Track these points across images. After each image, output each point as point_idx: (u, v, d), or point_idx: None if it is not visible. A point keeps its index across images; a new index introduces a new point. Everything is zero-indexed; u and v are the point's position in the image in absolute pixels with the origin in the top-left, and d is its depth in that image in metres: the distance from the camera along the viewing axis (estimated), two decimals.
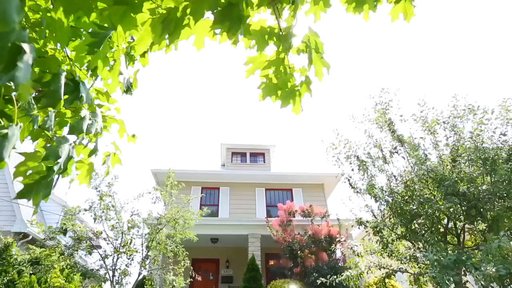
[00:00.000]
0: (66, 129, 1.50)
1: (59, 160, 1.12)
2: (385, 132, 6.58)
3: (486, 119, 5.43)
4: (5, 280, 7.69)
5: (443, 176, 5.37)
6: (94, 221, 5.93)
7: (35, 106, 1.12)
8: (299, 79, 1.74)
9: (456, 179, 5.21)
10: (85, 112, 1.35)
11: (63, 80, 1.08)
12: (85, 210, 5.91)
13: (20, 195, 1.04)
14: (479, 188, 5.12)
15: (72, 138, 1.29)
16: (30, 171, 1.11)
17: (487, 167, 4.91)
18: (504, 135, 5.21)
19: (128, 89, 1.79)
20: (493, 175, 4.90)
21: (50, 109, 1.20)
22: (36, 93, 1.23)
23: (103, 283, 5.90)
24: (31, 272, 7.44)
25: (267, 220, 11.09)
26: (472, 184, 5.19)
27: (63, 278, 6.53)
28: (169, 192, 6.44)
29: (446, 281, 3.91)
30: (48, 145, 1.16)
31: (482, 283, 3.73)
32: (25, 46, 0.77)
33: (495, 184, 4.83)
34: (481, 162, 4.97)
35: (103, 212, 5.90)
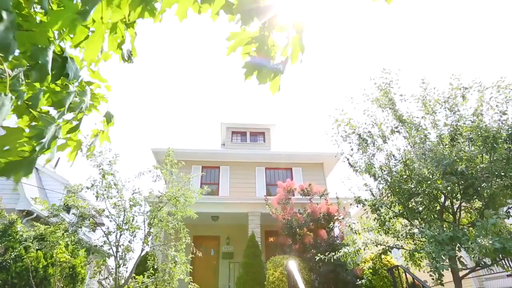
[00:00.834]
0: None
1: (43, 140, 1.11)
2: (386, 112, 6.55)
3: (490, 97, 5.37)
4: (13, 255, 7.93)
5: (442, 155, 5.39)
6: (96, 199, 6.01)
7: (23, 82, 1.09)
8: (279, 58, 1.70)
9: (455, 158, 5.23)
10: (72, 88, 1.32)
11: (51, 54, 1.05)
12: (87, 188, 5.98)
13: (1, 172, 1.03)
14: (478, 167, 5.15)
15: (57, 115, 1.26)
16: (7, 147, 1.10)
17: (488, 145, 4.91)
18: (504, 114, 5.17)
19: (128, 57, 1.74)
20: (493, 154, 4.91)
21: (37, 85, 1.17)
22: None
23: (107, 258, 6.08)
24: (37, 248, 7.66)
25: (266, 199, 11.25)
26: (470, 163, 5.22)
27: (68, 254, 6.73)
28: (169, 171, 6.49)
29: (442, 256, 4.02)
30: (33, 123, 1.14)
31: (477, 255, 3.83)
32: (4, 14, 0.74)
33: (493, 163, 4.85)
34: (481, 140, 4.96)
35: (105, 190, 5.97)
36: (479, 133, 5.00)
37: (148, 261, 6.16)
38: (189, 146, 15.68)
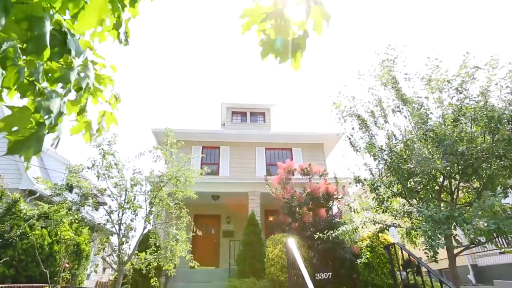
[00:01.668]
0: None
1: (51, 115, 1.09)
2: (389, 91, 6.47)
3: (504, 76, 5.24)
4: (18, 232, 8.12)
5: (444, 135, 5.38)
6: (98, 179, 6.06)
7: (22, 57, 1.06)
8: (297, 33, 1.64)
9: (457, 138, 5.21)
10: (76, 63, 1.29)
11: (48, 26, 1.01)
12: (88, 168, 6.02)
13: (11, 150, 1.03)
14: (478, 147, 5.15)
15: (61, 92, 1.24)
16: (16, 127, 1.09)
17: (491, 125, 4.87)
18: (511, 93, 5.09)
19: (125, 39, 1.70)
20: (495, 134, 4.88)
21: (37, 60, 1.14)
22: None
23: (110, 236, 6.21)
24: (41, 226, 7.83)
25: (266, 179, 11.37)
26: (471, 144, 5.21)
27: (72, 232, 6.89)
28: (169, 151, 6.50)
29: (438, 235, 4.11)
30: (39, 98, 1.12)
31: (471, 236, 3.91)
32: None
33: (495, 144, 4.84)
34: (486, 120, 4.91)
35: (106, 170, 6.02)
36: (485, 113, 4.93)
37: (150, 239, 6.31)
38: (189, 126, 15.64)
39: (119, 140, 6.32)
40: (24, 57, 1.10)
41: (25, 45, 1.05)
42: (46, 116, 1.07)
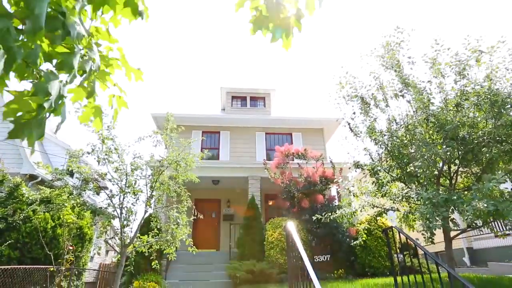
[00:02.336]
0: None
1: (50, 97, 1.08)
2: (391, 74, 6.38)
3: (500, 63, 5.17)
4: (21, 216, 8.22)
5: (445, 120, 5.35)
6: (98, 164, 6.07)
7: (15, 37, 1.04)
8: (291, 11, 1.61)
9: (458, 123, 5.19)
10: (78, 47, 1.26)
11: (45, 5, 0.98)
12: (88, 153, 6.02)
13: (12, 135, 1.02)
14: (480, 132, 5.14)
15: (63, 77, 1.22)
16: (20, 113, 1.08)
17: (494, 110, 4.83)
18: None
19: (140, 13, 1.63)
20: (498, 119, 4.85)
21: (34, 41, 1.11)
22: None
23: (112, 220, 6.29)
24: (44, 210, 7.92)
25: (265, 163, 11.42)
26: (473, 129, 5.20)
27: (74, 215, 6.98)
28: (169, 136, 6.49)
29: (436, 217, 4.17)
30: (36, 81, 1.10)
31: (470, 217, 3.96)
32: None
33: (497, 128, 4.82)
34: (489, 104, 4.87)
35: (106, 155, 6.02)
36: (488, 96, 4.88)
37: (151, 223, 6.39)
38: (189, 111, 15.58)
39: (118, 125, 6.30)
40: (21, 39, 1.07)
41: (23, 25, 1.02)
42: (46, 99, 1.05)
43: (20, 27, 1.04)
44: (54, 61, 1.22)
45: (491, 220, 5.25)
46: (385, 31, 6.48)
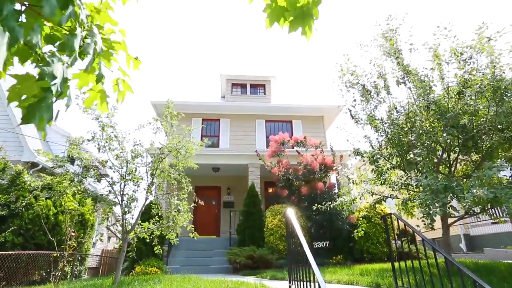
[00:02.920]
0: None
1: (55, 81, 1.07)
2: (392, 62, 6.31)
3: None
4: (24, 203, 8.31)
5: (447, 108, 5.33)
6: (99, 151, 6.08)
7: (17, 18, 1.01)
8: None
9: (460, 111, 5.17)
10: (79, 29, 1.24)
11: None
12: (88, 140, 6.02)
13: (24, 119, 1.01)
14: (481, 119, 5.12)
15: (65, 59, 1.20)
16: (24, 96, 1.07)
17: (497, 97, 4.80)
18: None
19: None
20: (500, 106, 4.82)
21: (37, 22, 1.09)
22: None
23: (113, 207, 6.35)
24: (46, 197, 7.99)
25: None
26: (474, 117, 5.18)
27: (76, 202, 7.03)
28: (169, 123, 6.47)
29: (435, 203, 4.22)
30: (41, 64, 1.09)
31: (469, 204, 4.00)
32: None
33: (498, 116, 4.80)
34: (492, 91, 4.82)
35: (106, 142, 6.02)
36: (492, 83, 4.83)
37: (152, 209, 6.46)
38: (189, 98, 15.49)
39: (118, 112, 6.28)
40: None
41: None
42: (53, 82, 1.05)
43: (17, 7, 1.02)
44: (54, 47, 1.20)
45: (489, 207, 5.31)
46: (379, 19, 6.34)
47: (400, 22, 6.21)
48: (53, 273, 5.98)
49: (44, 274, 8.19)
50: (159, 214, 6.46)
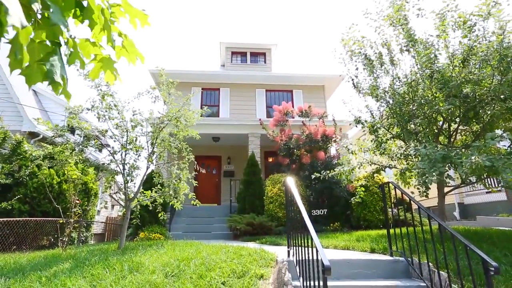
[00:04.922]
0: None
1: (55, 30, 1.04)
2: (398, 30, 6.08)
3: None
4: (27, 172, 8.42)
5: (450, 77, 5.22)
6: (98, 120, 6.05)
7: None
8: None
9: (463, 80, 5.07)
10: None
11: None
12: (87, 109, 5.97)
13: (46, 77, 1.02)
14: (484, 89, 5.04)
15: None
16: (27, 63, 1.04)
17: (502, 65, 4.67)
18: None
19: None
20: (504, 75, 4.72)
21: None
22: None
23: (115, 175, 6.44)
24: (48, 166, 8.08)
25: (262, 122, 11.43)
26: (477, 86, 5.09)
27: (78, 171, 7.14)
28: (167, 91, 6.38)
29: (432, 172, 4.27)
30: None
31: (466, 171, 4.05)
32: None
33: (502, 85, 4.72)
34: (498, 59, 4.69)
35: (106, 111, 5.97)
36: (498, 51, 4.68)
37: (153, 178, 6.56)
38: (188, 67, 15.15)
39: (117, 79, 6.16)
40: None
41: None
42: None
43: None
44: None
45: (485, 176, 5.38)
46: None
47: None
48: (60, 238, 6.22)
49: (52, 240, 8.52)
50: (161, 182, 6.57)
